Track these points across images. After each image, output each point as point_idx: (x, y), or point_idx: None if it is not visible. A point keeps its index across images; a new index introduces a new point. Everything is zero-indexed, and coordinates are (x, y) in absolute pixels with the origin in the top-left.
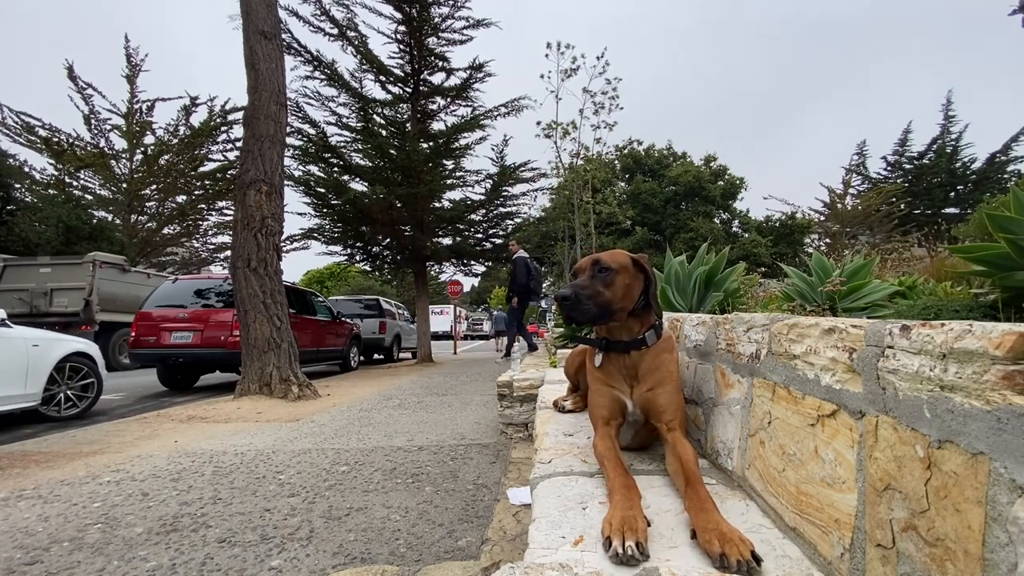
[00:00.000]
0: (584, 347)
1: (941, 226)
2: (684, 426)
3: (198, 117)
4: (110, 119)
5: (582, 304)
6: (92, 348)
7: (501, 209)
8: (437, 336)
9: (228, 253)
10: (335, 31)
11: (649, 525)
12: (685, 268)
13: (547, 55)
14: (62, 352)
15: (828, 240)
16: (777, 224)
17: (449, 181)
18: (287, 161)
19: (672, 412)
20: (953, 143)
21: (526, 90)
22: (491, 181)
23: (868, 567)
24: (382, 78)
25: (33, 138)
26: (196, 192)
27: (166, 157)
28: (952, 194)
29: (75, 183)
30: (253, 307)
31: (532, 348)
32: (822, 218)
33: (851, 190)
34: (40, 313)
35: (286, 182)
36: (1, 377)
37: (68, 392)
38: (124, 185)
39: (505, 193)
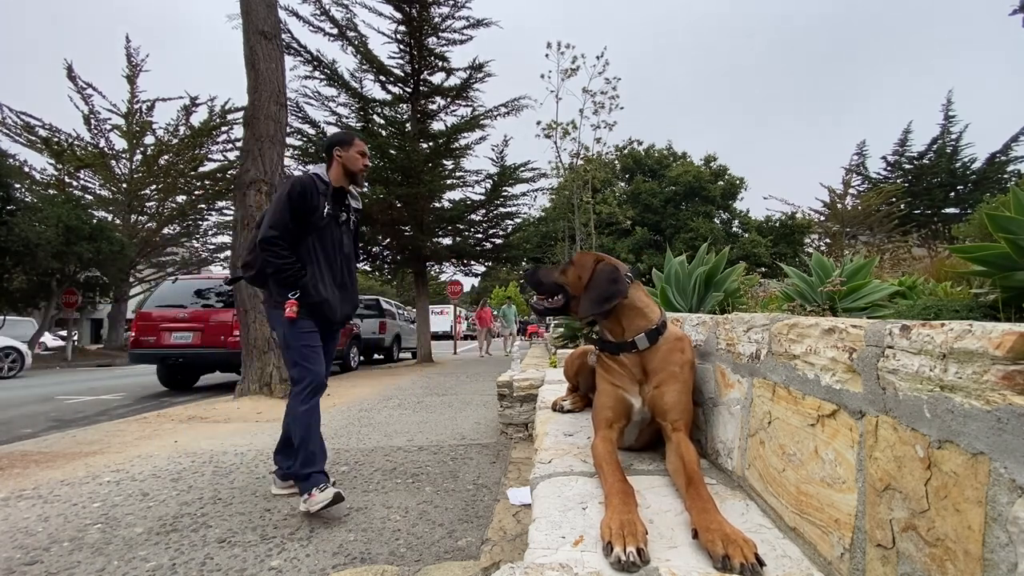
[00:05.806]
0: (583, 348)
1: (941, 226)
2: (689, 427)
3: (198, 117)
4: (110, 119)
5: (537, 275)
6: None
7: (501, 209)
8: (437, 336)
9: (228, 253)
10: (335, 31)
11: (649, 522)
12: (685, 268)
13: (547, 55)
14: None
15: (828, 240)
16: (777, 224)
17: (449, 181)
18: (287, 161)
19: (678, 412)
20: (953, 143)
21: (526, 90)
22: (491, 181)
23: (868, 567)
24: (382, 78)
25: (33, 138)
26: (196, 192)
27: (166, 157)
28: (952, 194)
29: (75, 183)
30: (253, 307)
31: None
32: (822, 218)
33: (851, 190)
34: None
35: None
36: None
37: None
38: (124, 185)
39: (505, 193)
